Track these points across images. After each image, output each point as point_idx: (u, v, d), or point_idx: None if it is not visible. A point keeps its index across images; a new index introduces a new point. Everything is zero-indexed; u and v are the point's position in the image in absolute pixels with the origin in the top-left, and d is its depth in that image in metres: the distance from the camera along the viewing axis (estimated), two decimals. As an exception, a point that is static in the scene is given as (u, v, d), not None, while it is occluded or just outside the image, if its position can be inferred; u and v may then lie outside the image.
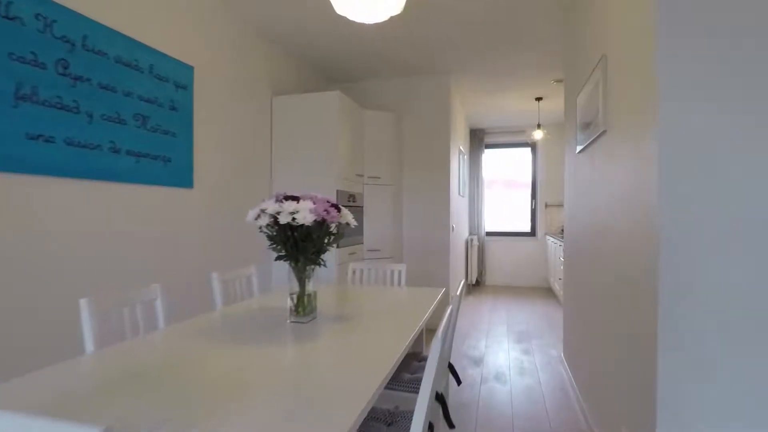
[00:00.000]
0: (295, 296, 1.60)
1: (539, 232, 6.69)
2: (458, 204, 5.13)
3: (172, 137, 2.37)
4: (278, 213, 1.47)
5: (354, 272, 2.70)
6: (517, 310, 5.03)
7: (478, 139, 6.75)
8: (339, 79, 4.40)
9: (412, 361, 1.92)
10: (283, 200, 1.52)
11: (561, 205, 6.59)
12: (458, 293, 1.72)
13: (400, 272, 2.62)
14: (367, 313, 1.80)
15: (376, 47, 3.58)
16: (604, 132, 1.95)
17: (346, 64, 4.01)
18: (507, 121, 6.29)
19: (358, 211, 3.68)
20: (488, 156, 6.98)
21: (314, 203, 1.50)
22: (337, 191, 3.24)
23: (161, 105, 2.30)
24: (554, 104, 5.25)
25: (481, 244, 6.73)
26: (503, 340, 3.83)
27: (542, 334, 4.00)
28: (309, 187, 3.28)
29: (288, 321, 1.61)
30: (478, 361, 3.26)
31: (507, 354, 3.45)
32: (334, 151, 3.23)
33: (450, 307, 1.35)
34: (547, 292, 6.21)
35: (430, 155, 4.26)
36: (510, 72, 4.19)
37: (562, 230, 6.85)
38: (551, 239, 5.82)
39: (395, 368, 1.18)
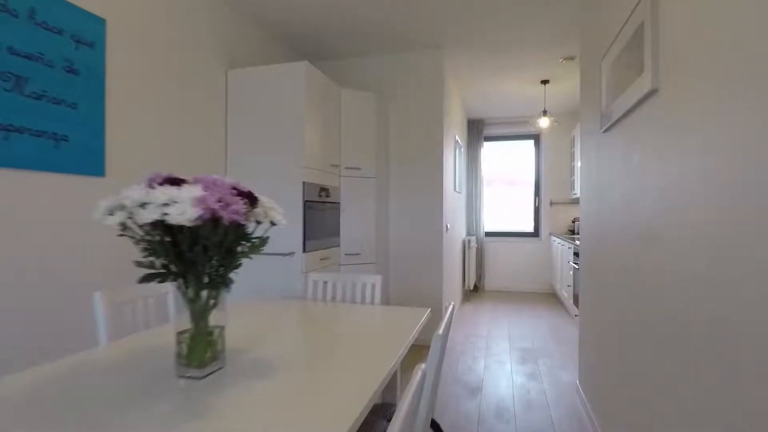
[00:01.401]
0: (185, 337, 1.03)
1: (543, 232, 6.12)
2: (454, 201, 4.56)
3: (69, 109, 1.79)
4: (144, 205, 0.89)
5: (315, 285, 2.13)
6: (520, 321, 4.46)
7: (477, 131, 6.17)
8: (314, 55, 3.82)
9: (379, 421, 1.35)
10: (158, 184, 0.94)
11: (568, 203, 6.01)
12: (444, 324, 1.15)
13: (373, 285, 2.04)
14: (315, 352, 1.22)
15: (357, 13, 3.00)
16: (652, 93, 1.37)
17: (322, 37, 3.42)
18: (508, 109, 5.72)
19: (333, 208, 3.10)
20: (488, 149, 6.40)
21: (206, 189, 0.92)
22: (304, 183, 2.66)
23: (50, 65, 1.71)
24: (563, 87, 4.67)
25: (479, 245, 6.16)
26: (505, 360, 3.26)
27: (550, 353, 3.42)
28: (272, 180, 2.70)
29: (176, 376, 1.04)
30: (474, 390, 2.69)
31: (510, 379, 2.87)
32: (299, 134, 2.65)
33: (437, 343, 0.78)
34: (552, 298, 5.64)
35: (420, 144, 3.68)
36: (512, 48, 3.61)
37: (571, 230, 6.29)
38: (557, 240, 5.25)
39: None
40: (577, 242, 3.75)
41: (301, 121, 2.65)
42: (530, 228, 6.27)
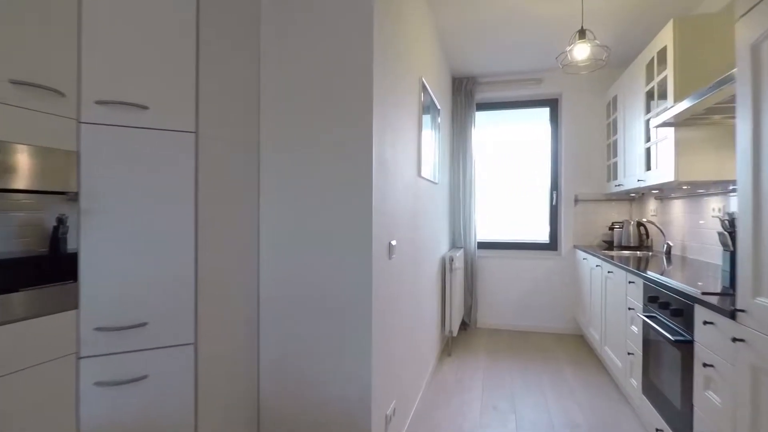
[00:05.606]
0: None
1: (564, 243, 4.11)
2: (422, 196, 2.56)
3: None
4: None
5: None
6: (535, 405, 2.46)
7: (466, 94, 4.16)
8: None
9: None
10: None
11: (603, 200, 4.00)
12: None
13: None
14: None
15: None
16: None
17: None
18: (514, 57, 3.71)
19: (36, 208, 1.09)
20: (482, 122, 4.40)
21: None
22: None
23: None
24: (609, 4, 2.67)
25: (469, 263, 4.15)
26: None
27: None
28: None
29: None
30: None
31: None
32: None
33: None
34: (581, 345, 3.64)
35: (327, 78, 1.65)
36: None
37: (607, 242, 3.83)
38: (588, 257, 3.26)
39: None
40: (648, 273, 1.74)
41: None
42: (544, 237, 4.27)
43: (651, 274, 2.05)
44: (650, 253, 3.22)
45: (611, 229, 3.84)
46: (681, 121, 2.16)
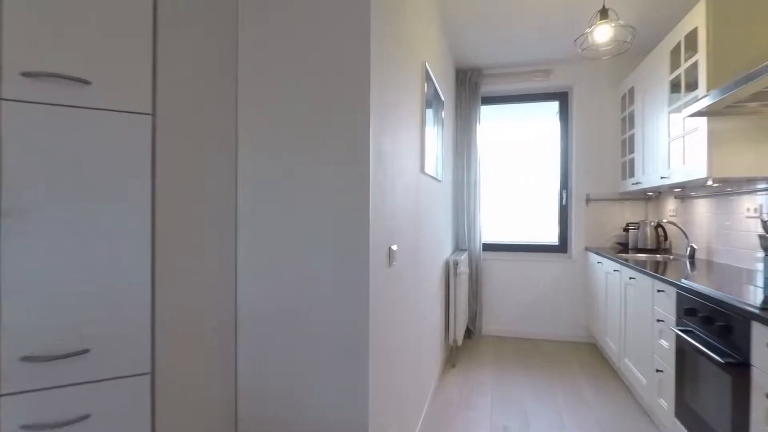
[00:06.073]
0: None
1: (575, 245, 3.87)
2: (424, 195, 2.31)
3: None
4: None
5: None
6: (551, 421, 2.22)
7: (471, 87, 3.91)
8: None
9: None
10: None
11: (617, 199, 3.75)
12: None
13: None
14: None
15: None
16: None
17: None
18: (520, 50, 3.46)
19: None
20: (487, 116, 4.15)
21: None
22: None
23: None
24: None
25: (475, 265, 3.90)
26: None
27: None
28: None
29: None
30: None
31: None
32: None
33: None
34: (592, 353, 3.39)
35: (318, 57, 1.40)
36: None
37: (621, 244, 3.54)
38: (604, 260, 3.01)
39: None
40: (685, 282, 1.48)
41: None
42: (554, 238, 4.02)
43: (689, 283, 1.80)
44: (671, 257, 2.97)
45: (626, 230, 3.59)
46: (719, 109, 1.91)
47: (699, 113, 1.97)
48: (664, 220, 3.06)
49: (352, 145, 1.34)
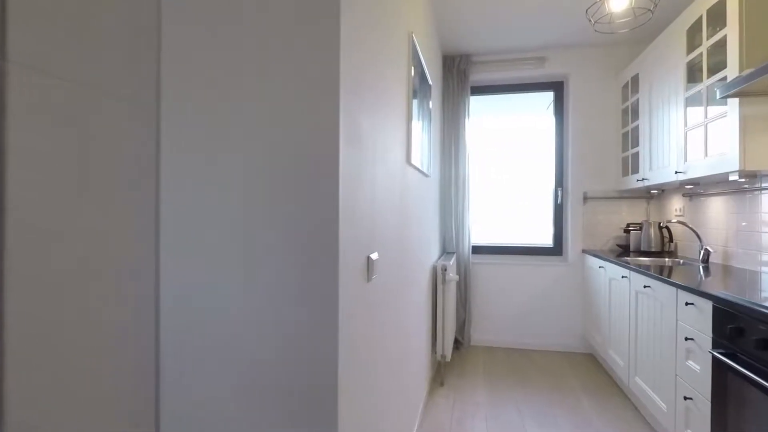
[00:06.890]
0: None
1: (571, 247, 3.57)
2: (409, 192, 1.95)
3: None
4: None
5: None
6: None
7: (459, 75, 3.57)
8: None
9: None
10: None
11: (617, 197, 3.47)
12: None
13: None
14: None
15: None
16: None
17: None
18: (512, 34, 3.13)
19: None
20: (477, 108, 3.82)
21: None
22: None
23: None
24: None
25: (463, 270, 3.57)
26: None
27: None
28: None
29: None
30: None
31: None
32: None
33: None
34: (592, 366, 3.09)
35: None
36: None
37: (621, 246, 3.14)
38: (606, 264, 2.70)
39: None
40: (722, 293, 1.17)
41: None
42: (548, 240, 3.72)
43: (732, 296, 1.49)
44: (680, 261, 2.69)
45: (627, 231, 3.31)
46: (760, 89, 1.61)
47: (737, 93, 1.67)
48: (673, 220, 2.78)
49: (313, 121, 0.96)
